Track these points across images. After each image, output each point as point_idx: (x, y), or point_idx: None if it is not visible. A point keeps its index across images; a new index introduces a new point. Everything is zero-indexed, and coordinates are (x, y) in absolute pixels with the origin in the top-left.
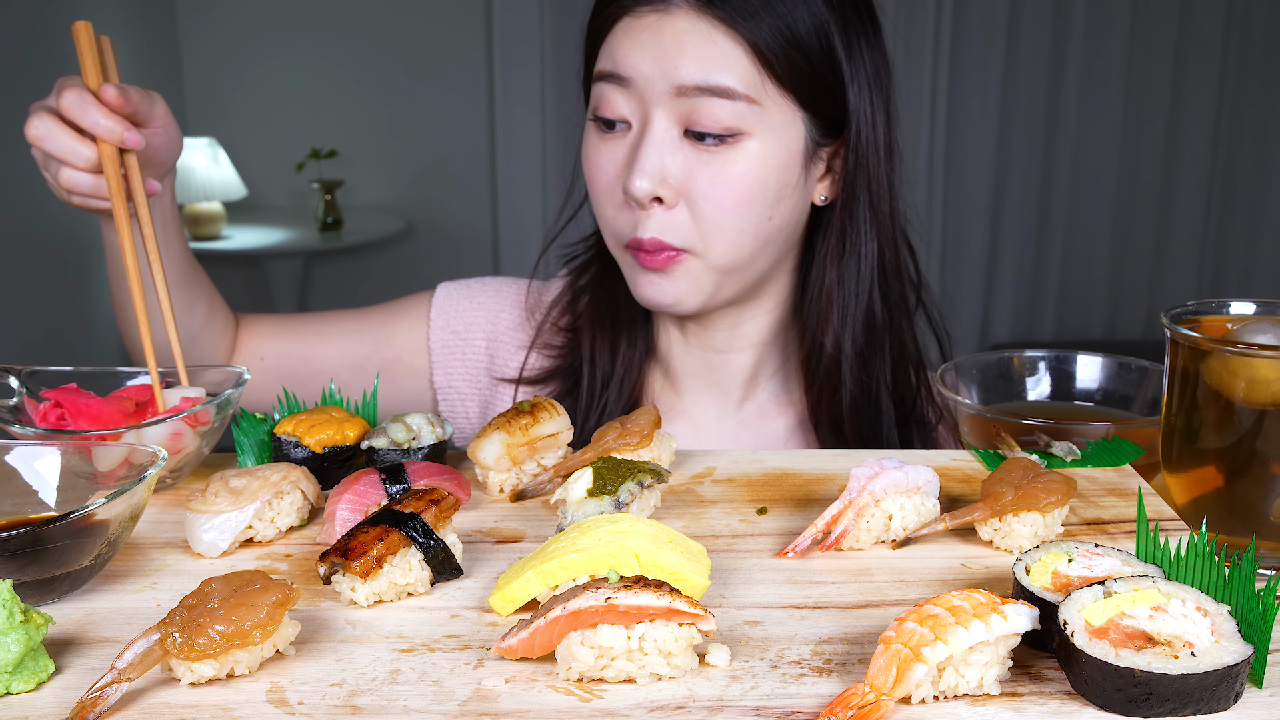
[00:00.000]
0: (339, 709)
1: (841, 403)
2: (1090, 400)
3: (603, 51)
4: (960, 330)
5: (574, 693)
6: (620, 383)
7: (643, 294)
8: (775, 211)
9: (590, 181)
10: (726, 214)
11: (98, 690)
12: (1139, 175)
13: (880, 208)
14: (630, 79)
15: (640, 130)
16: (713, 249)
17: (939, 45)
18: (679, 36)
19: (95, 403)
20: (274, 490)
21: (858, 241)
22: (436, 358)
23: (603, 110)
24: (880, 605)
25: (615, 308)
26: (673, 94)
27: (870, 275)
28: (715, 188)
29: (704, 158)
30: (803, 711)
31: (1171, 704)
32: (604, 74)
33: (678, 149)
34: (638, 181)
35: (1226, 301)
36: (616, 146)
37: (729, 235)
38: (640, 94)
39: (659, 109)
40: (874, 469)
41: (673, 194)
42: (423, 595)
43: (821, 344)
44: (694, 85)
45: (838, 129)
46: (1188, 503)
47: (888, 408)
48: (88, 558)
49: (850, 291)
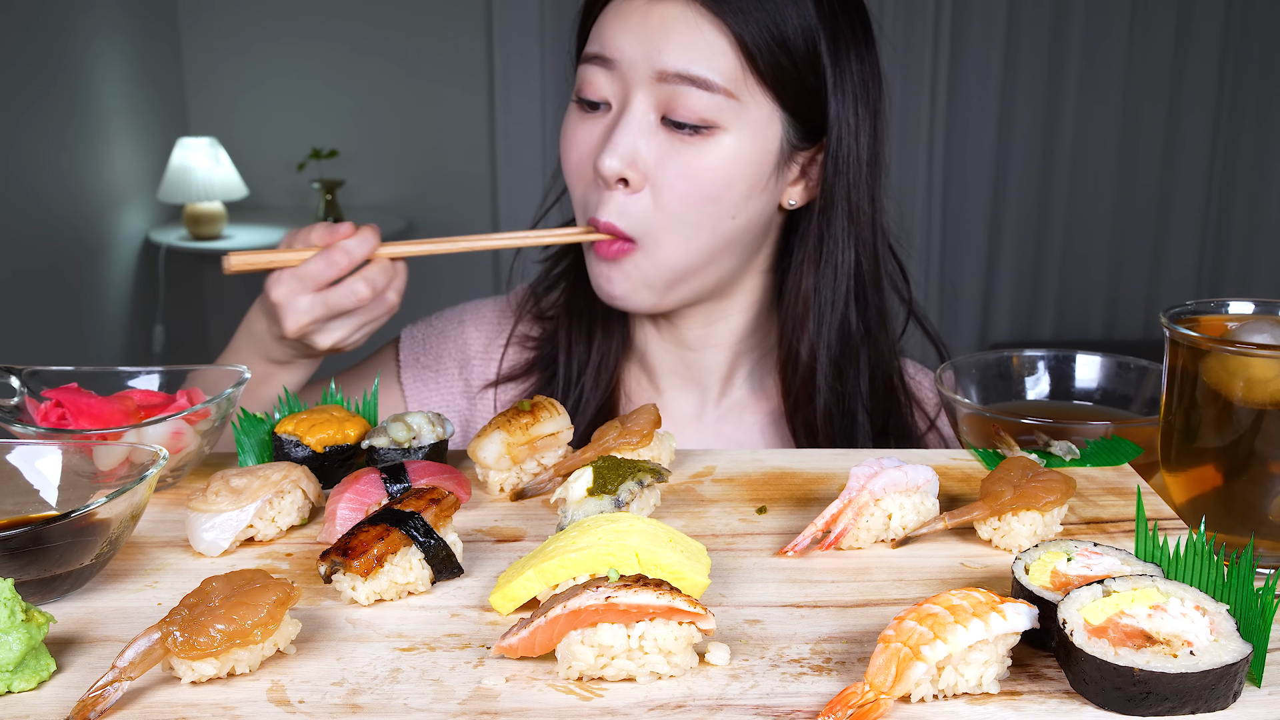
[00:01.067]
0: (339, 708)
1: (816, 411)
2: (1089, 400)
3: (592, 34)
4: (959, 330)
5: (574, 691)
6: (596, 371)
7: (596, 284)
8: (741, 210)
9: (564, 159)
10: (689, 206)
11: (99, 689)
12: (1138, 175)
13: (859, 219)
14: (614, 60)
15: (619, 111)
16: (664, 244)
17: (938, 46)
18: (666, 22)
19: (96, 402)
20: (275, 489)
21: (834, 250)
22: (410, 393)
23: (585, 91)
24: (880, 604)
25: (591, 296)
26: (654, 79)
27: (847, 284)
28: (683, 178)
29: (677, 146)
30: (802, 710)
31: (1170, 703)
32: (590, 55)
33: (653, 134)
34: (607, 160)
35: (1225, 301)
36: (594, 126)
37: (686, 230)
38: (623, 76)
39: (639, 92)
40: (873, 468)
41: (639, 177)
42: (423, 594)
43: (797, 351)
44: (674, 72)
45: (817, 135)
46: (1186, 502)
47: (863, 420)
48: (89, 557)
49: (826, 300)
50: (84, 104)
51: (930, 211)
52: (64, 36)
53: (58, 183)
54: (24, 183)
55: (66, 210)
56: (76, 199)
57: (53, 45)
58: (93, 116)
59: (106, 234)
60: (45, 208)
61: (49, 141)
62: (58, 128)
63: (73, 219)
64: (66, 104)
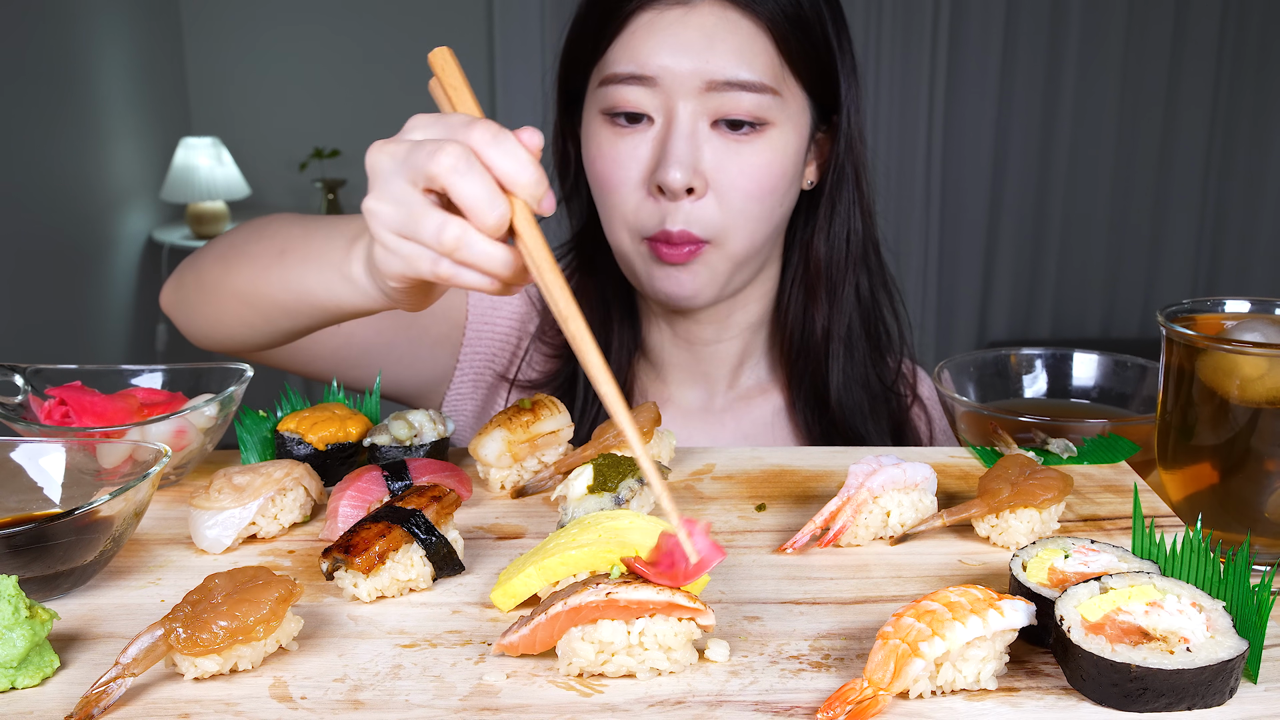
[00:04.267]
0: (341, 704)
1: (829, 384)
2: (1086, 398)
3: (617, 50)
4: (957, 328)
5: (575, 688)
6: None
7: (659, 288)
8: (787, 197)
9: (603, 178)
10: (752, 202)
11: (102, 685)
12: (1134, 173)
13: (863, 189)
14: (656, 77)
15: (667, 123)
16: (732, 240)
17: (936, 45)
18: (705, 31)
19: (100, 400)
20: (277, 487)
21: (844, 222)
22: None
23: (622, 106)
24: (878, 601)
25: (605, 307)
26: (702, 89)
27: (858, 252)
28: (743, 176)
29: (732, 148)
30: (801, 706)
31: (1167, 699)
32: (623, 76)
33: (706, 140)
34: (674, 173)
35: (1222, 300)
36: (637, 141)
37: (750, 224)
38: (665, 89)
39: (684, 102)
40: (872, 466)
41: (702, 183)
42: (424, 591)
43: (811, 325)
44: (724, 80)
45: (826, 114)
46: (1183, 499)
47: (876, 387)
48: (92, 554)
49: (839, 271)
50: (88, 104)
51: (928, 210)
52: (68, 37)
53: (62, 182)
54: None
55: (70, 209)
56: (80, 198)
57: (57, 46)
58: (97, 117)
59: (110, 233)
60: (49, 207)
61: (53, 141)
62: (62, 128)
63: (76, 218)
64: (70, 104)
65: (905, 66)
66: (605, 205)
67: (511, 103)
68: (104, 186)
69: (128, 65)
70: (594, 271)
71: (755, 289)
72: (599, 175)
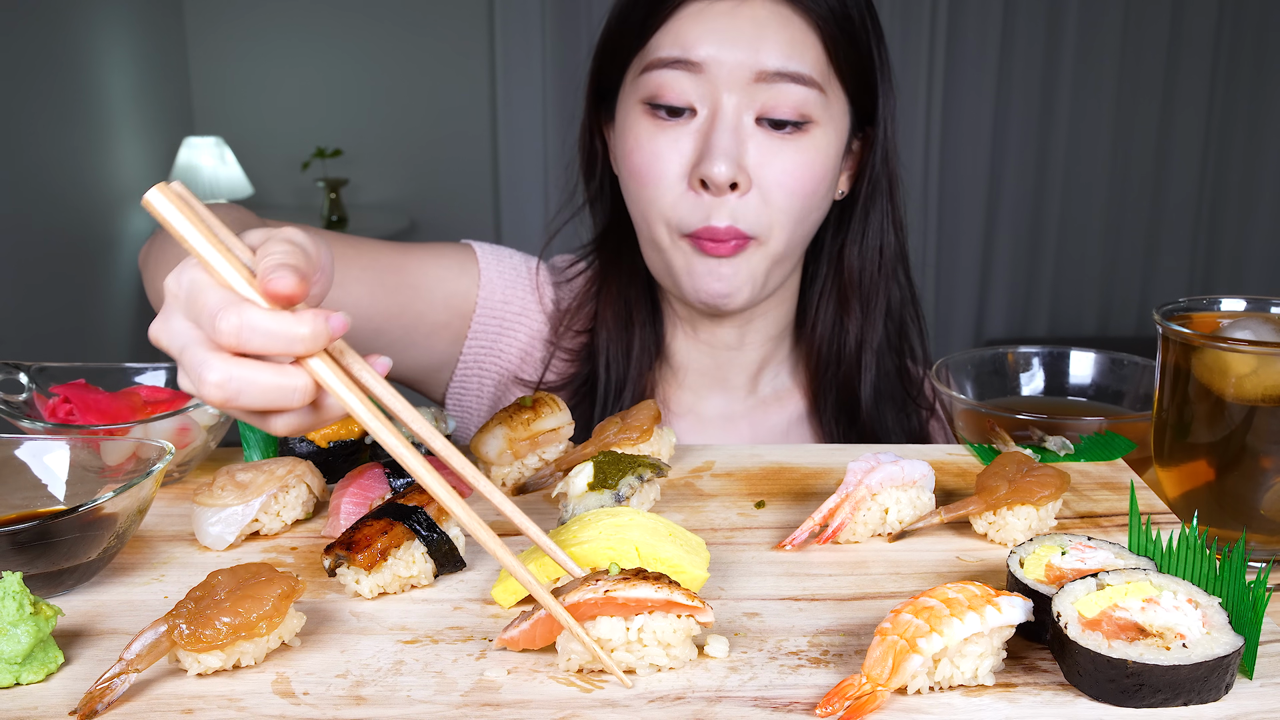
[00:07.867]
0: (343, 699)
1: (862, 390)
2: (1083, 395)
3: (663, 37)
4: (955, 326)
5: (575, 683)
6: (634, 385)
7: (700, 286)
8: (825, 200)
9: (641, 171)
10: (795, 201)
11: (106, 681)
12: (1131, 173)
13: (896, 202)
14: (702, 64)
15: (711, 116)
16: (774, 238)
17: (934, 44)
18: (757, 22)
19: (104, 398)
20: (279, 484)
21: (879, 233)
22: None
23: (665, 97)
24: (876, 597)
25: (629, 311)
26: (750, 80)
27: (890, 265)
28: (788, 174)
29: (777, 144)
30: (800, 702)
31: (1163, 694)
32: (668, 60)
33: (750, 135)
34: (720, 167)
35: (1217, 298)
36: (678, 134)
37: (790, 224)
38: (711, 80)
39: (730, 94)
40: (870, 463)
41: (746, 180)
42: (426, 587)
43: (844, 336)
44: (774, 71)
45: (862, 122)
46: (1179, 496)
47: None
48: (96, 550)
49: (872, 283)
50: (91, 104)
51: (926, 209)
52: (71, 36)
53: (65, 181)
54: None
55: (74, 208)
56: (84, 197)
57: (60, 45)
58: (100, 116)
59: (113, 232)
60: (53, 206)
61: (56, 140)
62: (65, 127)
63: (81, 217)
64: (74, 104)
65: (903, 66)
66: (641, 200)
67: (512, 103)
68: (108, 185)
69: (131, 65)
70: (618, 273)
71: (778, 296)
72: (636, 169)
